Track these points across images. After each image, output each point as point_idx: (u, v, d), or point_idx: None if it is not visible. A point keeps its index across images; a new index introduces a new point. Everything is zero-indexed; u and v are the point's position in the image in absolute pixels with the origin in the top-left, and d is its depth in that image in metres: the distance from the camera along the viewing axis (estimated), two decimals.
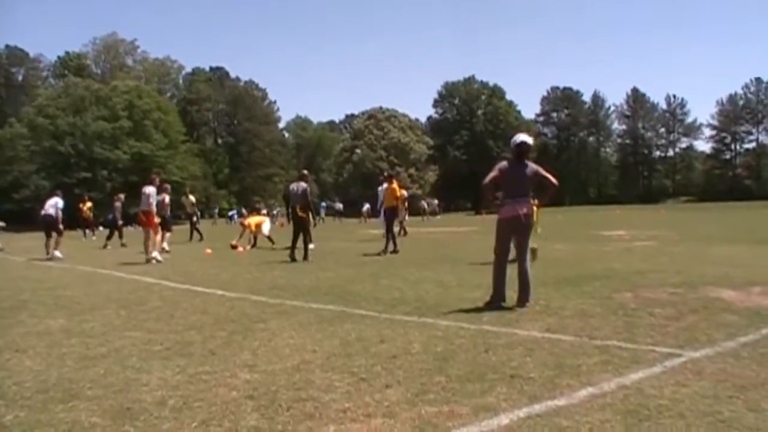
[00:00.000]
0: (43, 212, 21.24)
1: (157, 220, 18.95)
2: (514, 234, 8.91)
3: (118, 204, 28.41)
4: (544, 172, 8.98)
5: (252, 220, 24.33)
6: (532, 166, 8.93)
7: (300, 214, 17.58)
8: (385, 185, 20.06)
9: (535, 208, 9.21)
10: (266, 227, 23.63)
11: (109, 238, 27.21)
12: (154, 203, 18.73)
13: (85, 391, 5.30)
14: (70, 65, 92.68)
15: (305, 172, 19.23)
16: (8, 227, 37.70)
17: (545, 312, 8.26)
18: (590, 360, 5.77)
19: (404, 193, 30.02)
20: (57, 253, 20.46)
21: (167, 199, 23.28)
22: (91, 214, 35.54)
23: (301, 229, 17.60)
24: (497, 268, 8.91)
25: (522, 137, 9.11)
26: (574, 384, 5.07)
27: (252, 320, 8.35)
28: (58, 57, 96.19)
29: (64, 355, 6.63)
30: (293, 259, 16.72)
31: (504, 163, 8.99)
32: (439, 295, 10.07)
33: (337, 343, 6.80)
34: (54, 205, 21.12)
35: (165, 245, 21.75)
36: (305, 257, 16.86)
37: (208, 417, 4.60)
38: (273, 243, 22.43)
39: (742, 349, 6.03)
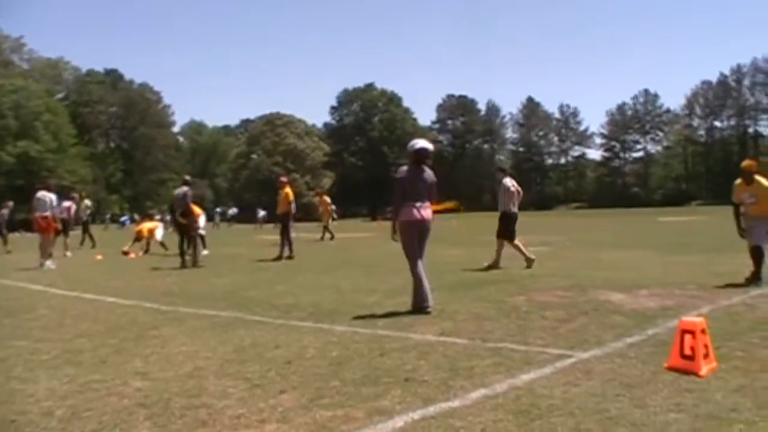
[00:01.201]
0: None
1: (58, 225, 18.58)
2: (417, 237, 8.87)
3: (5, 211, 27.44)
4: (435, 187, 9.03)
5: (145, 226, 23.90)
6: (430, 173, 8.97)
7: (180, 220, 17.33)
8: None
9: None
10: (159, 233, 23.23)
11: None
12: (56, 209, 18.23)
13: None
14: None
15: (187, 177, 19.02)
16: None
17: (440, 316, 8.32)
18: (483, 362, 5.84)
19: (327, 199, 30.59)
20: None
21: (73, 207, 23.23)
22: None
23: (184, 234, 17.33)
24: (414, 271, 8.79)
25: (421, 143, 9.13)
26: (468, 385, 5.12)
27: (144, 327, 8.16)
28: None
29: None
30: (184, 266, 16.47)
31: (403, 169, 9.02)
32: (335, 300, 10.03)
33: (231, 349, 6.71)
34: None
35: (68, 253, 21.88)
36: (194, 263, 16.65)
37: (99, 427, 4.46)
38: (166, 249, 22.04)
39: (629, 349, 6.20)
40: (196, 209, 22.32)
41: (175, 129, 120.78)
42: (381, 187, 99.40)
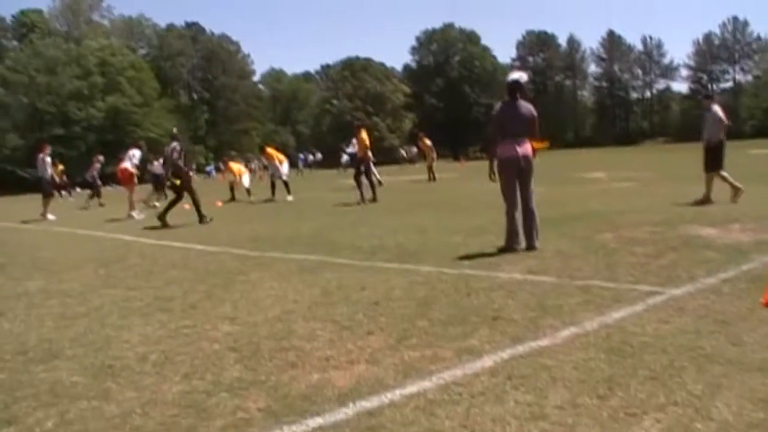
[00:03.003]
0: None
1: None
2: (516, 175, 8.66)
3: (97, 165, 28.24)
4: (535, 121, 8.76)
5: (234, 166, 24.35)
6: (527, 106, 8.68)
7: (173, 181, 15.80)
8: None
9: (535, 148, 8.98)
10: (246, 180, 23.57)
11: (91, 198, 27.04)
12: (136, 162, 18.89)
13: (65, 351, 5.25)
14: (30, 24, 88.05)
15: (175, 130, 18.26)
16: None
17: (526, 254, 8.24)
18: (572, 300, 5.76)
19: (428, 142, 30.61)
20: (50, 217, 20.13)
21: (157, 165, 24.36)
22: (64, 177, 35.97)
23: (182, 192, 15.73)
24: (507, 211, 8.68)
25: (513, 75, 8.91)
26: (557, 324, 5.06)
27: (232, 273, 8.30)
28: (12, 16, 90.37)
29: (43, 315, 6.57)
30: (202, 221, 15.23)
31: (498, 104, 8.85)
32: (420, 241, 10.03)
33: (318, 292, 6.77)
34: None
35: (157, 204, 22.25)
36: (200, 220, 15.34)
37: (191, 371, 4.57)
38: (251, 196, 22.36)
39: (723, 285, 6.02)
40: (279, 155, 22.57)
41: (255, 78, 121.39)
42: (462, 127, 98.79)
